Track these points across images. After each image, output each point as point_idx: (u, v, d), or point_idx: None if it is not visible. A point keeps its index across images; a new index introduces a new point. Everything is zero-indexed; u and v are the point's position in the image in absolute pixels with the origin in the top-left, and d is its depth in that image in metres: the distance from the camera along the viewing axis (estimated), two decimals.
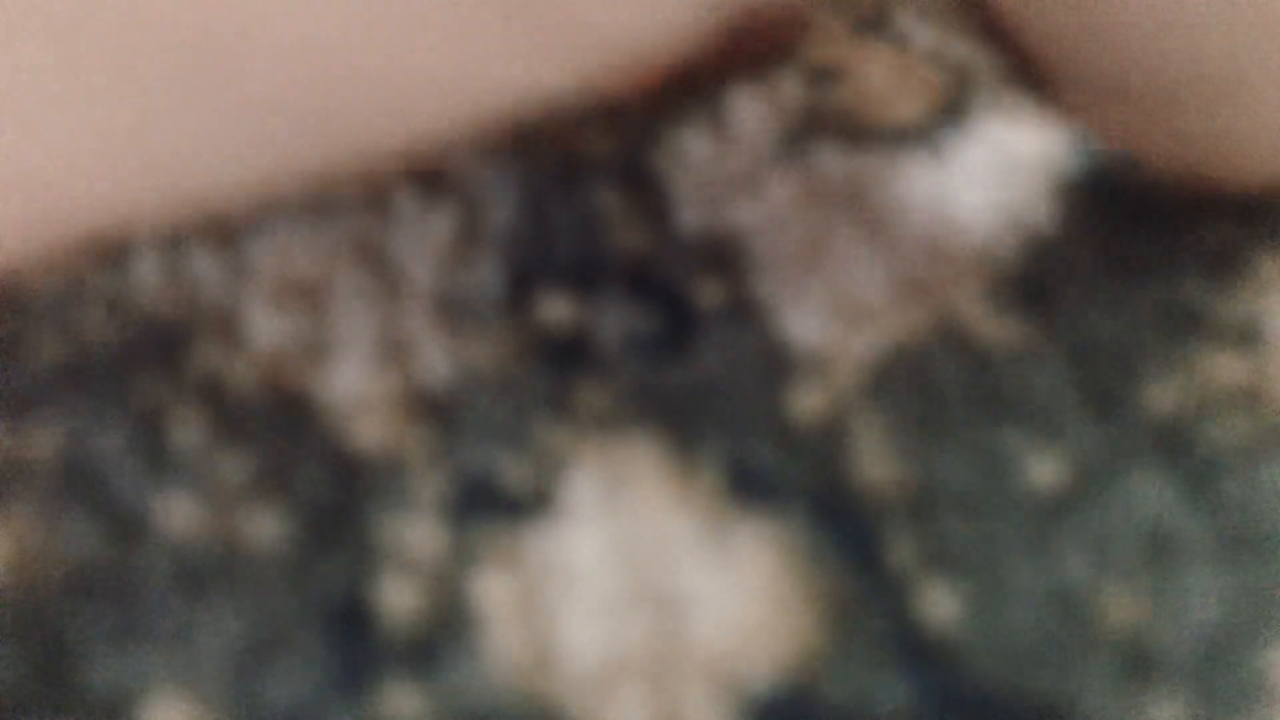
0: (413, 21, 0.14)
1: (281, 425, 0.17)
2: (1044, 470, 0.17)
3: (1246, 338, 0.19)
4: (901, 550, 0.17)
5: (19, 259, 0.14)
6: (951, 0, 0.23)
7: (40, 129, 0.13)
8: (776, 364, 0.18)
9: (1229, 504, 0.17)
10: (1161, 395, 0.18)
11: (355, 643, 0.16)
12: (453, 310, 0.18)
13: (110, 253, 0.18)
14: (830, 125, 0.21)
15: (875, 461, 0.17)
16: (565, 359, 0.18)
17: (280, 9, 0.13)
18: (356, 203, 0.19)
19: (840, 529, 0.17)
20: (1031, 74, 0.21)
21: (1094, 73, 0.18)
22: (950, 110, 0.21)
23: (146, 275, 0.18)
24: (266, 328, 0.18)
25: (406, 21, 0.14)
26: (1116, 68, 0.17)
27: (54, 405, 0.17)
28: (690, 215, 0.19)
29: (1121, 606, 0.16)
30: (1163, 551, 0.17)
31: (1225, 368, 0.18)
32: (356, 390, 0.17)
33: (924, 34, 0.22)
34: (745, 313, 0.19)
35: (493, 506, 0.17)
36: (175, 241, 0.18)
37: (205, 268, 0.18)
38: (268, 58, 0.14)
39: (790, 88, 0.21)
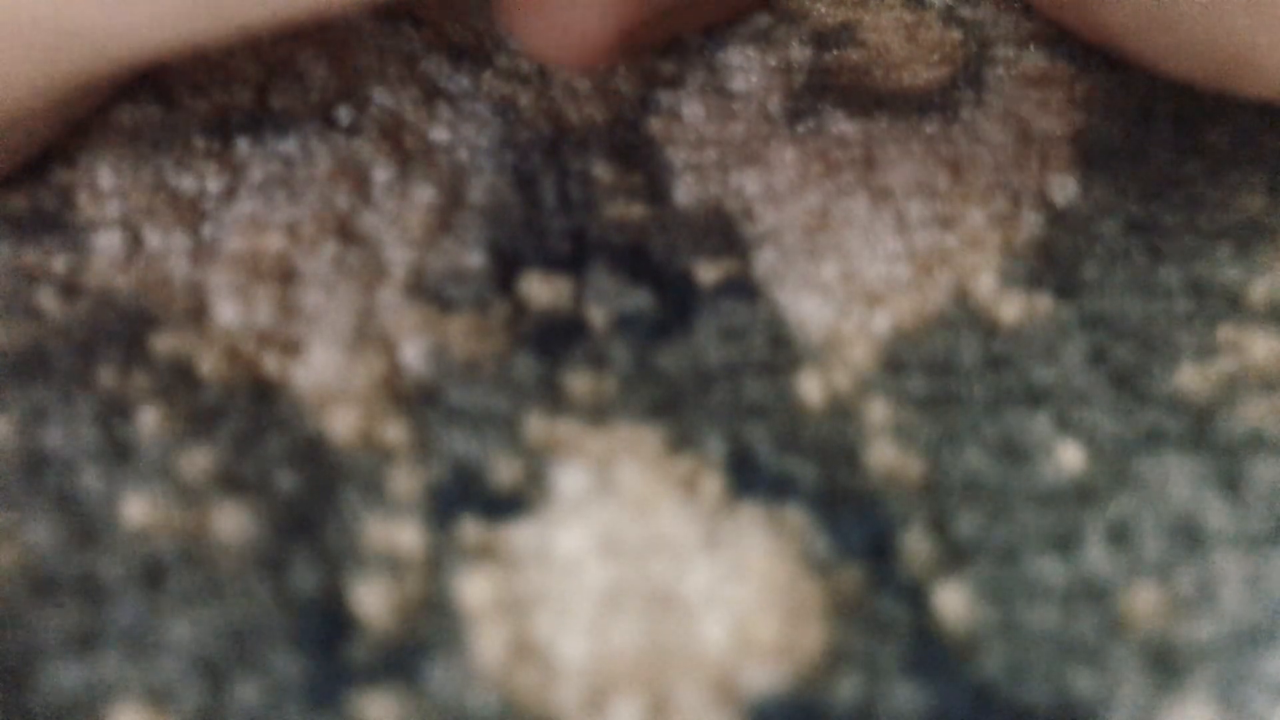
0: None
1: (251, 415, 0.16)
2: (1067, 457, 0.16)
3: (1278, 317, 0.18)
4: (915, 544, 0.16)
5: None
6: None
7: None
8: (782, 346, 0.17)
9: (1261, 491, 0.16)
10: (1191, 377, 0.17)
11: (330, 648, 0.15)
12: (433, 292, 0.17)
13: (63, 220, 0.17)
14: (839, 89, 0.19)
15: (887, 450, 0.16)
16: (555, 343, 0.17)
17: None
18: (330, 176, 0.18)
19: (850, 522, 0.16)
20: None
21: None
22: (968, 74, 0.20)
23: (107, 254, 0.17)
24: (235, 312, 0.17)
25: None
26: None
27: (10, 393, 0.16)
28: (688, 187, 0.18)
29: (1147, 599, 0.15)
30: (1191, 542, 0.16)
31: (1258, 348, 0.17)
32: (331, 378, 0.16)
33: None
34: (748, 291, 0.17)
35: (478, 501, 0.16)
36: (137, 217, 0.17)
37: (169, 246, 0.17)
38: None
39: (796, 49, 0.20)
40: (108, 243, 0.17)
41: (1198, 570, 0.16)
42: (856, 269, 0.18)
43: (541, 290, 0.17)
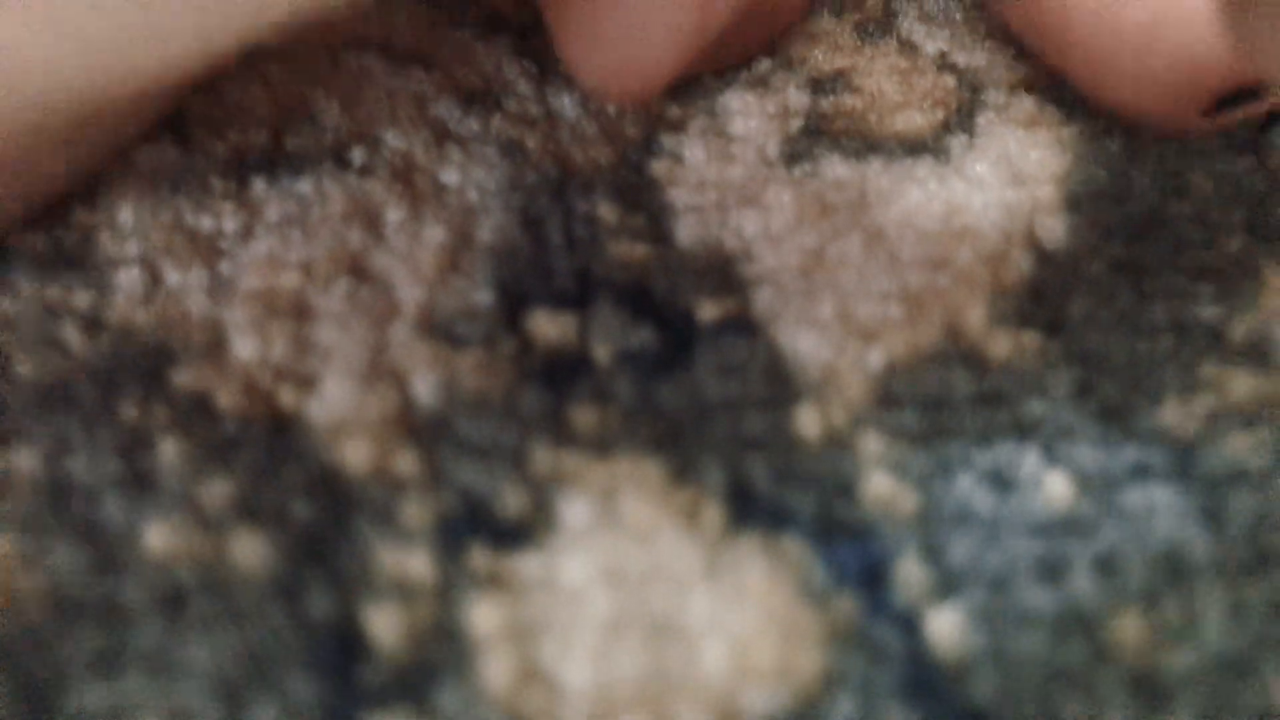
0: None
1: (268, 447, 0.16)
2: (1055, 489, 0.17)
3: (1259, 355, 0.18)
4: (909, 572, 0.16)
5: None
6: (958, 3, 0.23)
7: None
8: (780, 381, 0.18)
9: (1242, 523, 0.17)
10: (1175, 412, 0.18)
11: (344, 671, 0.15)
12: (444, 329, 0.18)
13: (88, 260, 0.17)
14: (835, 134, 0.20)
15: (882, 481, 0.17)
16: (560, 378, 0.17)
17: None
18: (343, 216, 0.18)
19: (846, 551, 0.16)
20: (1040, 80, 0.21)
21: None
22: (960, 119, 0.20)
23: (128, 291, 0.18)
24: (252, 347, 0.17)
25: None
26: None
27: (36, 424, 0.17)
28: (689, 228, 0.19)
29: (1133, 628, 0.16)
30: (1176, 572, 0.16)
31: (1238, 385, 0.18)
32: (345, 411, 0.17)
33: (933, 39, 0.22)
34: (747, 329, 0.18)
35: (487, 530, 0.16)
36: (156, 255, 0.18)
37: (188, 283, 0.18)
38: None
39: (793, 94, 0.21)
40: (128, 280, 0.18)
41: (1182, 600, 0.16)
42: (851, 307, 0.18)
43: (548, 327, 0.18)
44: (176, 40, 0.14)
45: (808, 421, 0.17)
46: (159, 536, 0.16)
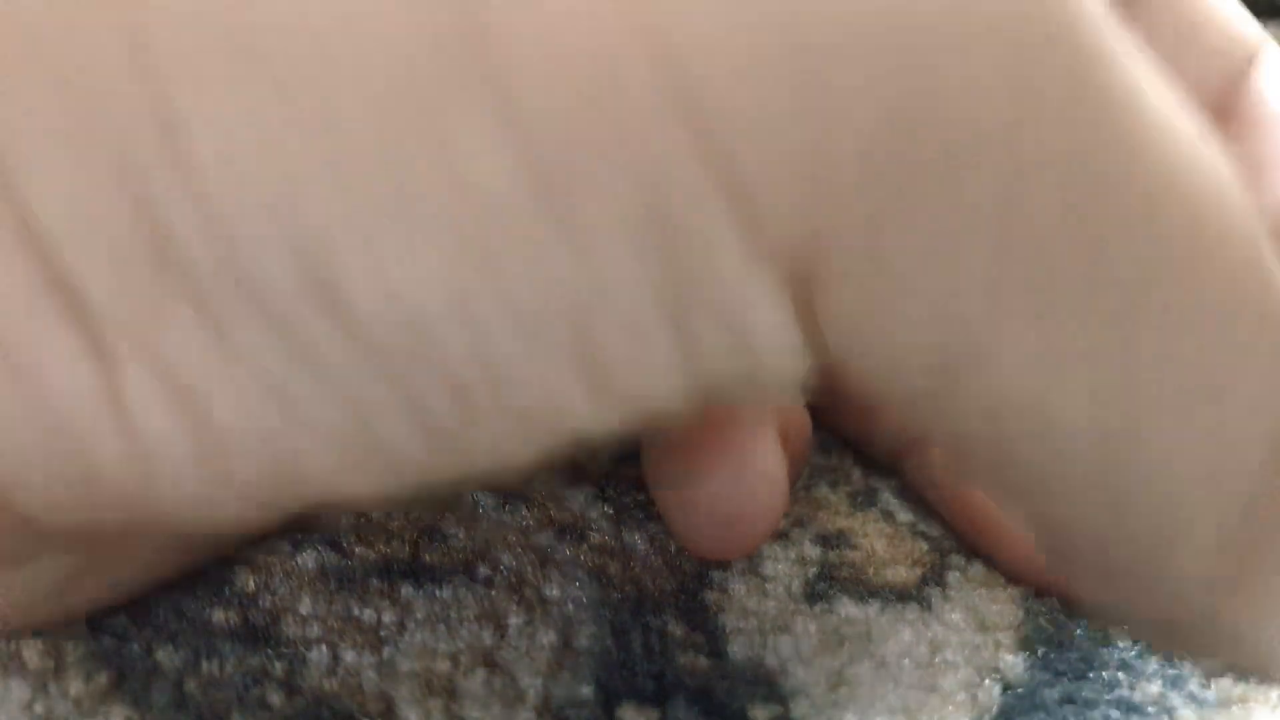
0: None
1: None
2: None
3: None
4: None
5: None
6: (919, 485, 0.29)
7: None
8: None
9: None
10: None
11: None
12: (557, 714, 0.22)
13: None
14: (843, 580, 0.26)
15: None
16: None
17: None
18: (477, 619, 0.23)
19: None
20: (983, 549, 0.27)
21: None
22: (935, 576, 0.26)
23: (316, 664, 0.22)
24: (415, 715, 0.21)
25: None
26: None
27: None
28: (739, 646, 0.24)
29: None
30: None
31: None
32: None
33: (905, 511, 0.28)
34: None
35: None
36: (334, 638, 0.22)
37: (361, 663, 0.22)
38: None
39: (808, 546, 0.26)
40: (316, 656, 0.22)
41: None
42: (869, 719, 0.23)
43: (636, 718, 0.22)
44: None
45: None
46: None
